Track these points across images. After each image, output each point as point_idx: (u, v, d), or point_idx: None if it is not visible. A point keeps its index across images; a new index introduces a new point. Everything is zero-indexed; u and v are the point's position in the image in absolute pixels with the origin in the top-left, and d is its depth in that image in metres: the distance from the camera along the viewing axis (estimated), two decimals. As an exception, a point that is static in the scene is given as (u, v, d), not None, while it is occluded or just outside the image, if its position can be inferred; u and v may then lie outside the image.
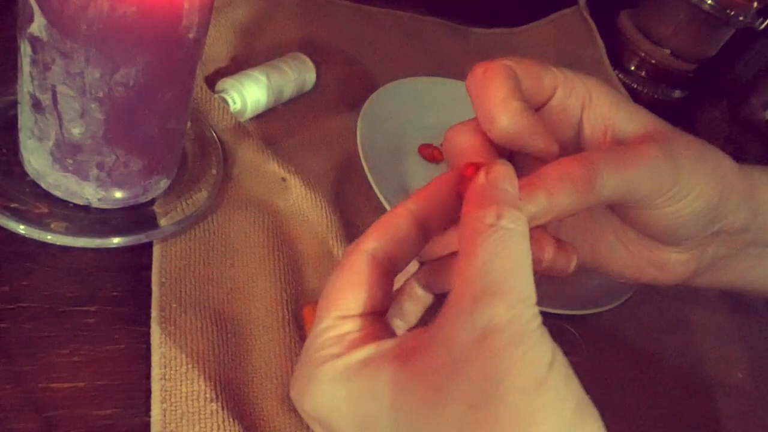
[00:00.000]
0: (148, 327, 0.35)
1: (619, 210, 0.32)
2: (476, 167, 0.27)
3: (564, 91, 0.31)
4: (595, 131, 0.31)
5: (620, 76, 0.75)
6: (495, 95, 0.28)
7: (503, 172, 0.26)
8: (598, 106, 0.31)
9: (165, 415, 0.32)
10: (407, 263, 0.29)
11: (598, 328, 0.37)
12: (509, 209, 0.25)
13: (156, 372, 0.33)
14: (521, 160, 0.31)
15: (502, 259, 0.24)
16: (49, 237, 0.35)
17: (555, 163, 0.28)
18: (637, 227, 0.32)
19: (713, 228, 0.32)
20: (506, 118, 0.28)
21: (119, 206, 0.38)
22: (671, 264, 0.33)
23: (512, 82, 0.29)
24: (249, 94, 0.48)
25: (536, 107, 0.31)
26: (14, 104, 0.36)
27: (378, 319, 0.28)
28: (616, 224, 0.34)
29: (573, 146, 0.32)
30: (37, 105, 0.33)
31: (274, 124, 0.51)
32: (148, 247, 0.38)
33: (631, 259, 0.33)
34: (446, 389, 0.23)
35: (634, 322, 0.35)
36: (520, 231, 0.25)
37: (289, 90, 0.52)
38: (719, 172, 0.31)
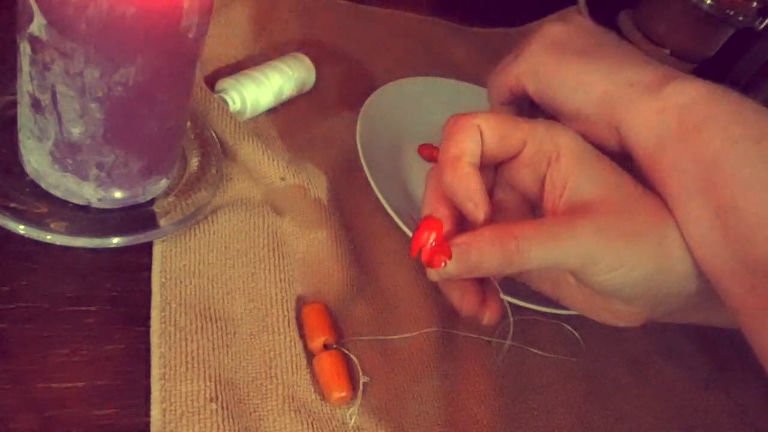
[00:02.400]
0: (148, 327, 0.35)
1: None
2: (429, 229, 0.31)
3: (532, 147, 0.33)
4: (554, 189, 0.32)
5: (620, 76, 0.75)
6: (450, 152, 0.32)
7: None
8: (563, 165, 0.32)
9: (165, 415, 0.32)
10: None
11: (598, 328, 0.37)
12: None
13: (156, 372, 0.33)
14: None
15: None
16: (48, 237, 0.35)
17: (494, 227, 0.31)
18: (583, 283, 0.32)
19: (659, 292, 0.32)
20: (449, 176, 0.32)
21: (119, 206, 0.38)
22: (623, 313, 0.33)
23: (471, 145, 0.32)
24: (249, 94, 0.48)
25: (504, 160, 0.34)
26: (14, 104, 0.36)
27: None
28: None
29: (537, 199, 0.34)
30: (36, 105, 0.33)
31: (274, 124, 0.51)
32: (148, 247, 0.38)
33: (587, 302, 0.34)
34: None
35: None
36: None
37: (289, 90, 0.52)
38: (662, 247, 0.31)
